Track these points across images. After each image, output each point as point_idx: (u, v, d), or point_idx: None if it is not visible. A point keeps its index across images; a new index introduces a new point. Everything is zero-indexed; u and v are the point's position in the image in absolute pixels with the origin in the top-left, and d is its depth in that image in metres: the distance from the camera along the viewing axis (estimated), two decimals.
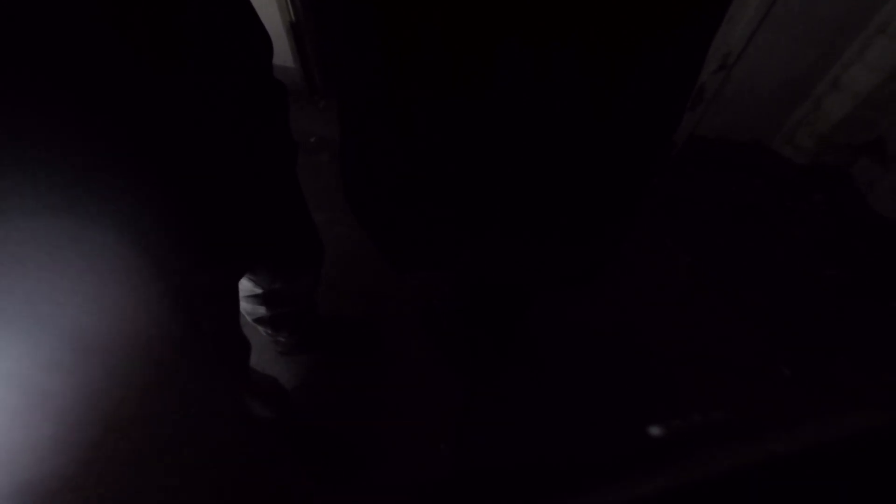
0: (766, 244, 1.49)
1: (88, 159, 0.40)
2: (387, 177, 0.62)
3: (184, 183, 0.48)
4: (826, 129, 1.53)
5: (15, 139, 0.35)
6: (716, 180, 1.66)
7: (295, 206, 0.76)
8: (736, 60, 1.41)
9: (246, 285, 0.84)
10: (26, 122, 0.35)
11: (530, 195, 0.59)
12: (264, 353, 1.22)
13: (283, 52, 1.76)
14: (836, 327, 1.31)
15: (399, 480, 1.06)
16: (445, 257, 0.72)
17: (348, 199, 0.69)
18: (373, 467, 1.07)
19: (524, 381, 1.20)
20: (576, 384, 1.20)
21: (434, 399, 1.17)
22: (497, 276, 0.82)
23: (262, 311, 0.93)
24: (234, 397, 0.89)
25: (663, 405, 1.16)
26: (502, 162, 0.55)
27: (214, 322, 0.67)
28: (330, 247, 1.46)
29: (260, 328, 1.06)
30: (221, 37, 0.48)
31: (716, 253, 1.46)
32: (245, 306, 0.93)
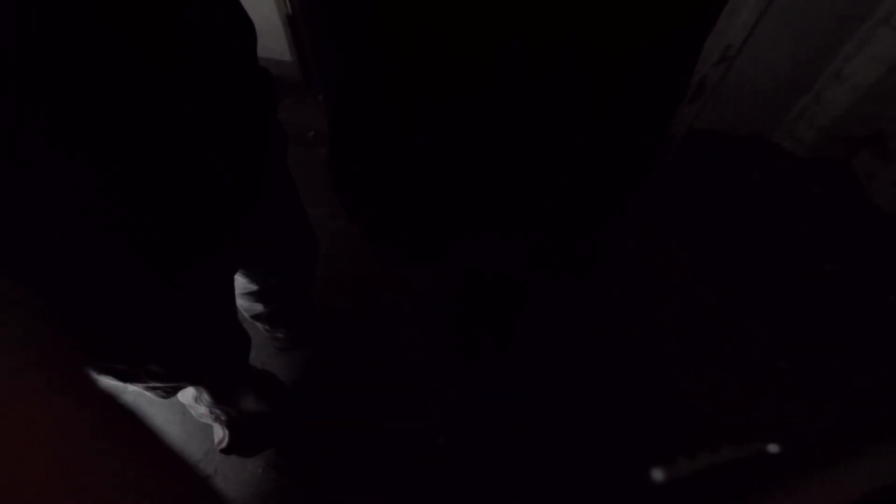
0: (765, 238, 1.49)
1: (80, 157, 0.40)
2: (382, 174, 0.62)
3: (177, 178, 0.49)
4: (827, 121, 1.51)
5: (15, 135, 0.35)
6: (715, 174, 1.65)
7: (288, 199, 0.75)
8: (737, 53, 1.40)
9: (241, 282, 0.84)
10: (25, 120, 0.35)
11: (528, 192, 0.59)
12: (262, 350, 1.22)
13: (279, 46, 1.74)
14: (834, 321, 1.31)
15: (397, 475, 1.07)
16: (437, 252, 0.72)
17: (338, 194, 0.69)
18: (371, 463, 1.08)
19: (522, 377, 1.20)
20: (574, 380, 1.20)
21: (432, 394, 1.18)
22: (493, 270, 0.82)
23: (258, 307, 0.93)
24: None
25: (661, 400, 1.16)
26: (501, 160, 0.55)
27: (210, 317, 0.67)
28: (327, 242, 1.45)
29: (258, 325, 1.06)
30: (219, 35, 0.48)
31: (714, 248, 1.46)
32: (242, 303, 0.93)
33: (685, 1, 0.40)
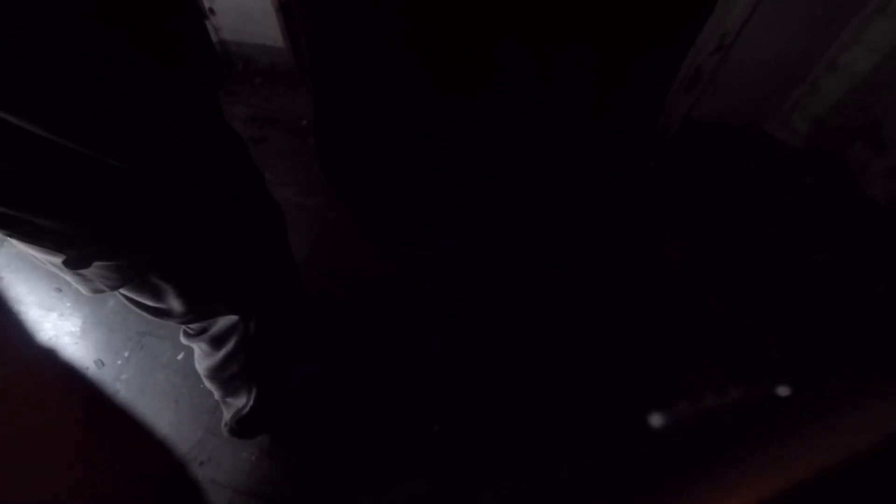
0: (758, 228, 1.49)
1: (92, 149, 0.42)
2: (377, 167, 0.62)
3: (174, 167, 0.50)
4: (822, 111, 1.52)
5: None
6: (709, 164, 1.65)
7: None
8: (733, 41, 1.39)
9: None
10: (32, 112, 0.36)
11: (521, 181, 0.59)
12: None
13: (272, 32, 1.72)
14: (826, 310, 1.32)
15: (392, 462, 1.07)
16: (430, 235, 0.72)
17: (326, 175, 0.68)
18: (366, 450, 1.08)
19: (517, 365, 1.21)
20: (569, 369, 1.21)
21: (427, 381, 1.18)
22: (487, 256, 0.83)
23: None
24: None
25: (654, 388, 1.17)
26: (497, 156, 0.56)
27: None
28: (322, 231, 1.45)
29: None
30: (203, 32, 0.50)
31: (708, 237, 1.47)
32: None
33: (684, 2, 0.41)
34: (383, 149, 0.59)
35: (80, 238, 0.49)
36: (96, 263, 0.52)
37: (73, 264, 0.50)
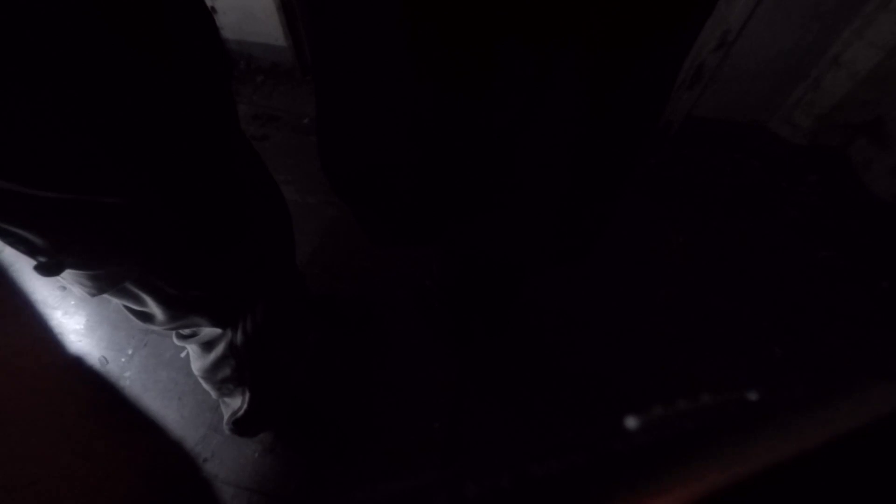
0: (761, 225, 1.49)
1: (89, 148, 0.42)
2: (378, 166, 0.62)
3: (171, 165, 0.50)
4: (825, 108, 1.51)
5: (17, 128, 0.37)
6: (712, 161, 1.65)
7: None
8: (736, 38, 1.39)
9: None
10: (28, 116, 0.37)
11: (523, 184, 0.60)
12: None
13: (274, 31, 1.72)
14: (828, 308, 1.32)
15: (393, 459, 1.08)
16: (430, 235, 0.73)
17: (327, 174, 0.69)
18: (368, 447, 1.09)
19: (517, 361, 1.21)
20: (569, 365, 1.21)
21: (428, 378, 1.19)
22: (487, 254, 0.83)
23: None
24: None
25: (654, 384, 1.17)
26: (498, 155, 0.56)
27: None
28: (323, 229, 1.46)
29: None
30: (199, 29, 0.51)
31: (710, 234, 1.46)
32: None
33: (683, 2, 0.41)
34: (384, 148, 0.59)
35: (48, 247, 0.47)
36: (70, 271, 0.51)
37: (43, 271, 0.49)
